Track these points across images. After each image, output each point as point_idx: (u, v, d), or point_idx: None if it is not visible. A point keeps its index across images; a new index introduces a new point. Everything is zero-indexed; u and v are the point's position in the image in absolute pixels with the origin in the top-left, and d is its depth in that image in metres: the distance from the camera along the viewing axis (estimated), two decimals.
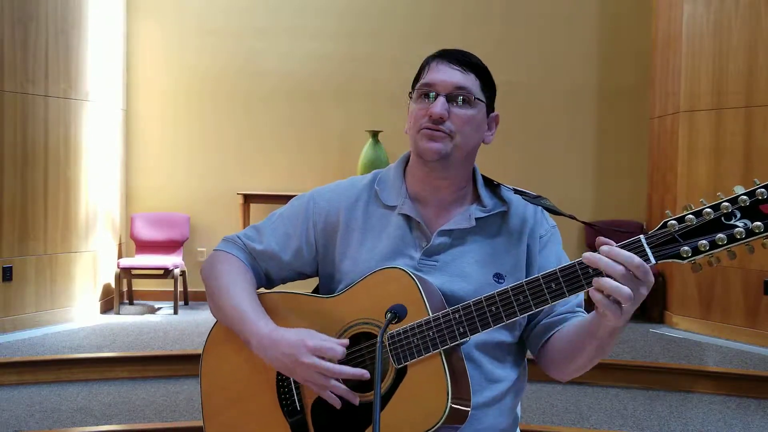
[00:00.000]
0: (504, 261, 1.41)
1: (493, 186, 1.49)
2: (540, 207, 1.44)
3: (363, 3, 6.22)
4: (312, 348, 1.30)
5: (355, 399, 1.30)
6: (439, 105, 1.35)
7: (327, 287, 1.50)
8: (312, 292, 1.52)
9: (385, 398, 1.30)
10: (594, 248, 1.16)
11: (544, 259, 1.43)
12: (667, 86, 5.55)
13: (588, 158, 6.22)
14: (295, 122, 6.21)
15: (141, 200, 6.22)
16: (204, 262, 1.56)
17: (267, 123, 6.21)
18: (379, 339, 1.21)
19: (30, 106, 5.03)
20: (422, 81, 1.40)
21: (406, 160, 1.50)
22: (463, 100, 1.37)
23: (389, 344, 1.30)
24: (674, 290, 5.38)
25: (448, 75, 1.38)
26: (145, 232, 5.96)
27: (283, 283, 1.57)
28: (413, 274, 1.32)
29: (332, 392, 1.30)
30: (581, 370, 1.35)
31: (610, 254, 1.12)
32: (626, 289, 1.11)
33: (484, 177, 1.49)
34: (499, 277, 1.39)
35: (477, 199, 1.46)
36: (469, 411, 1.27)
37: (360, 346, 1.36)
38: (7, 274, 4.89)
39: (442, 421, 1.21)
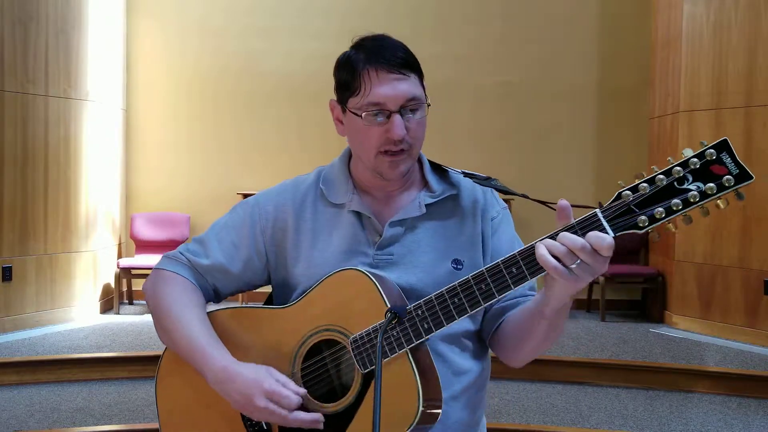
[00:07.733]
0: (460, 245, 1.36)
1: (441, 170, 1.43)
2: (490, 188, 1.40)
3: (364, 3, 6.22)
4: (267, 392, 1.23)
5: (319, 425, 1.25)
6: (398, 126, 1.27)
7: (281, 295, 1.42)
8: (265, 303, 1.45)
9: (354, 406, 1.24)
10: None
11: (496, 242, 1.38)
12: (667, 86, 5.54)
13: (588, 158, 6.21)
14: (295, 122, 6.20)
15: (141, 200, 6.22)
16: (145, 282, 1.44)
17: (268, 123, 6.21)
18: (379, 339, 1.16)
19: (30, 106, 5.03)
20: (368, 99, 1.29)
21: (350, 153, 1.44)
22: (413, 108, 1.30)
23: (353, 348, 1.24)
24: (674, 290, 5.37)
25: (394, 88, 1.28)
26: (145, 232, 5.96)
27: (233, 296, 1.49)
28: (369, 272, 1.26)
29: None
30: (534, 352, 1.31)
31: (553, 249, 1.08)
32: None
33: (430, 162, 1.44)
34: (457, 263, 1.34)
35: (425, 184, 1.40)
36: (440, 413, 1.22)
37: (322, 356, 1.31)
38: (7, 274, 4.89)
39: (413, 425, 1.16)
